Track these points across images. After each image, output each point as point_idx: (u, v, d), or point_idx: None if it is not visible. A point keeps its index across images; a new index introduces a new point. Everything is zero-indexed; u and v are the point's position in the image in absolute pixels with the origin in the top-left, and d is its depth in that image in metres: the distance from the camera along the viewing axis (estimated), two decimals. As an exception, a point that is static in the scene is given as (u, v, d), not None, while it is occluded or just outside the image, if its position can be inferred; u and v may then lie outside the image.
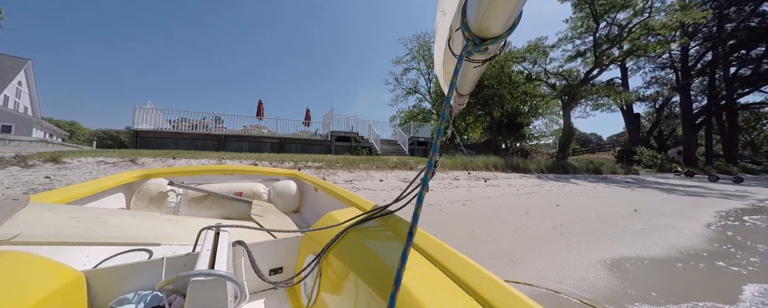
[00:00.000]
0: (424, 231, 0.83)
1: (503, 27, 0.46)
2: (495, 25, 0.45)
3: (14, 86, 27.89)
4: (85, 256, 1.09)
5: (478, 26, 0.46)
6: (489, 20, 0.45)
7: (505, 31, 0.47)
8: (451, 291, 0.57)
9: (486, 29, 0.47)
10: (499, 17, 0.44)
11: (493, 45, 0.49)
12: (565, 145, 18.52)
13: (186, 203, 1.68)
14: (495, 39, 0.48)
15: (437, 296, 0.55)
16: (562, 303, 1.55)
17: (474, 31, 0.48)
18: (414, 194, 1.07)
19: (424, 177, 0.54)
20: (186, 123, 12.07)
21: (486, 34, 0.48)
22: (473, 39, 0.48)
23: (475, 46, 0.49)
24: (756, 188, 10.31)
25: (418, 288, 0.58)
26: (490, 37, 0.48)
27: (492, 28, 0.46)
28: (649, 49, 16.03)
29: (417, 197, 0.54)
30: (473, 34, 0.48)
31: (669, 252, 2.51)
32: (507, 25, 0.46)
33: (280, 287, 0.91)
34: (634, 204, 5.16)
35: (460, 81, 0.54)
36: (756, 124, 34.30)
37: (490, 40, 0.48)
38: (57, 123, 43.67)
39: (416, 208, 0.54)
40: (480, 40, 0.48)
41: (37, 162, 5.27)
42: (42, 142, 17.86)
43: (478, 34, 0.48)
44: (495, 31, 0.47)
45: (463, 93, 0.82)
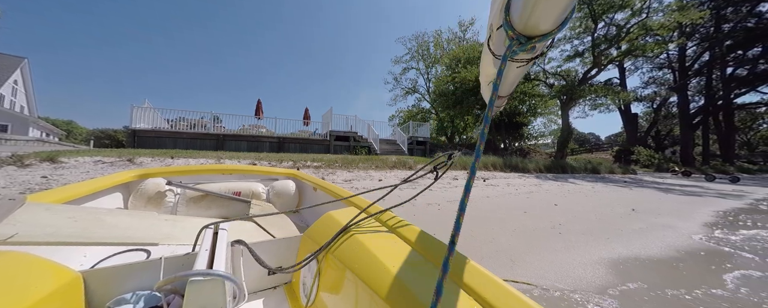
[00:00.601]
0: (422, 230, 0.84)
1: (554, 23, 0.43)
2: (545, 21, 0.42)
3: (10, 85, 27.67)
4: (82, 256, 1.08)
5: (525, 24, 0.44)
6: (538, 16, 0.42)
7: (555, 27, 0.44)
8: (450, 290, 0.57)
9: (533, 26, 0.44)
10: (550, 12, 0.41)
11: (540, 43, 0.46)
12: (563, 145, 18.57)
13: (184, 203, 1.67)
14: (543, 36, 0.45)
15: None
16: (562, 302, 1.55)
17: (519, 29, 0.45)
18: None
19: (467, 183, 0.50)
20: (184, 122, 12.01)
21: (533, 32, 0.45)
22: (518, 38, 0.46)
23: (520, 44, 0.46)
24: (752, 188, 10.38)
25: (418, 288, 0.58)
26: (537, 34, 0.45)
27: (541, 24, 0.43)
28: (647, 49, 16.09)
29: (459, 204, 0.49)
30: (518, 33, 0.45)
31: (666, 252, 2.53)
32: (558, 21, 0.43)
33: (281, 272, 0.90)
34: (631, 204, 5.18)
35: (501, 82, 0.51)
36: (752, 124, 34.54)
37: (538, 37, 0.45)
38: (54, 122, 43.36)
39: (458, 216, 0.49)
40: (526, 39, 0.45)
41: (34, 161, 5.24)
42: (38, 142, 17.74)
43: (523, 32, 0.45)
44: (544, 28, 0.44)
45: (502, 94, 0.78)
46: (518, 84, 4.59)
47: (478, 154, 0.50)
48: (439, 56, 24.74)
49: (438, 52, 25.24)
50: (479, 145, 0.50)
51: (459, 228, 0.48)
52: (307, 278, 0.92)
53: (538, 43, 0.46)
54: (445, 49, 24.78)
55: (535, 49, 0.50)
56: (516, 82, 0.72)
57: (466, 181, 0.50)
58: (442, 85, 21.51)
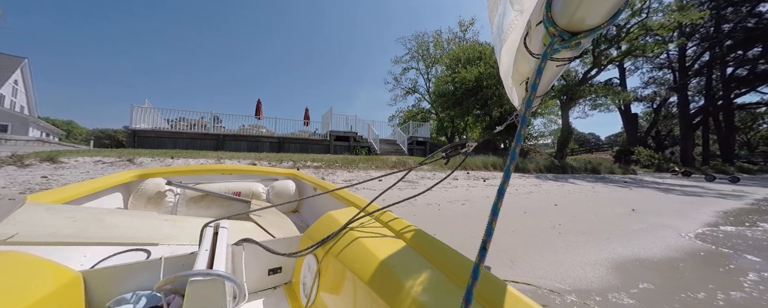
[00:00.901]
0: (423, 231, 0.84)
1: (605, 16, 0.39)
2: (593, 14, 0.39)
3: (10, 85, 27.68)
4: (82, 256, 1.08)
5: (569, 18, 0.40)
6: (585, 9, 0.38)
7: (606, 20, 0.40)
8: (450, 290, 0.57)
9: (579, 21, 0.40)
10: (602, 4, 0.37)
11: (586, 38, 0.42)
12: (563, 145, 18.57)
13: (184, 203, 1.67)
14: (590, 31, 0.41)
15: (436, 295, 0.55)
16: (562, 302, 1.55)
17: (562, 24, 0.41)
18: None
19: (501, 186, 0.47)
20: (184, 122, 12.01)
21: (578, 27, 0.41)
22: (561, 34, 0.42)
23: (563, 41, 0.42)
24: (752, 188, 10.38)
25: (418, 288, 0.58)
26: (583, 29, 0.41)
27: (588, 18, 0.40)
28: (647, 49, 16.09)
29: (491, 209, 0.46)
30: (561, 29, 0.42)
31: (666, 252, 2.53)
32: (610, 13, 0.39)
33: (287, 257, 0.90)
34: (631, 204, 5.18)
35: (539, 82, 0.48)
36: (752, 124, 34.52)
37: (584, 33, 0.41)
38: (54, 122, 43.35)
39: (490, 221, 0.45)
40: (569, 35, 0.42)
41: (34, 161, 5.24)
42: (38, 142, 17.74)
43: (567, 27, 0.42)
44: (591, 22, 0.40)
45: (538, 95, 0.73)
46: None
47: (513, 156, 0.46)
48: (439, 56, 24.74)
49: (438, 52, 25.24)
50: (514, 147, 0.46)
51: (491, 234, 0.45)
52: (307, 278, 0.92)
53: (584, 39, 0.42)
54: (445, 49, 24.78)
55: (580, 46, 0.46)
56: (553, 81, 0.67)
57: (499, 184, 0.46)
58: (442, 85, 21.50)
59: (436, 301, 0.53)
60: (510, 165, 0.46)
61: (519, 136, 0.46)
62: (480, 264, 0.43)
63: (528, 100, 0.47)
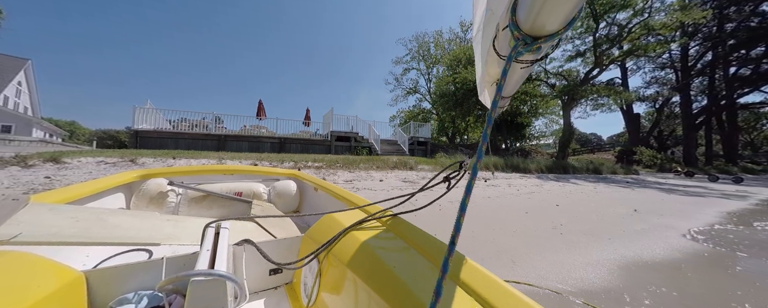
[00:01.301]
0: (423, 231, 0.84)
1: (561, 23, 0.43)
2: (552, 21, 0.42)
3: (14, 86, 27.88)
4: (85, 256, 1.09)
5: (531, 24, 0.43)
6: (545, 16, 0.41)
7: (562, 27, 0.43)
8: (451, 291, 0.57)
9: (540, 27, 0.43)
10: (558, 12, 0.40)
11: (546, 43, 0.46)
12: (565, 145, 18.51)
13: (186, 203, 1.68)
14: (550, 37, 0.45)
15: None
16: (562, 303, 1.55)
17: (525, 29, 0.44)
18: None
19: (469, 184, 0.50)
20: (186, 123, 12.06)
21: (539, 32, 0.44)
22: (524, 38, 0.45)
23: (526, 45, 0.45)
24: (756, 188, 10.31)
25: (419, 288, 0.58)
26: (543, 35, 0.45)
27: (547, 25, 0.43)
28: (649, 49, 16.02)
29: (460, 205, 0.50)
30: (524, 33, 0.45)
31: (669, 252, 2.51)
32: (566, 21, 0.42)
33: (284, 268, 0.90)
34: (634, 204, 5.16)
35: (505, 83, 0.51)
36: (756, 124, 34.29)
37: (544, 38, 0.45)
38: (57, 123, 43.64)
39: (458, 216, 0.50)
40: (532, 39, 0.45)
41: (37, 162, 5.27)
42: (42, 142, 17.85)
43: (530, 32, 0.45)
44: (550, 28, 0.44)
45: (506, 95, 0.78)
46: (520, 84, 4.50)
47: (480, 154, 0.50)
48: (440, 56, 24.74)
49: (439, 52, 25.24)
50: (481, 146, 0.50)
51: (459, 229, 0.49)
52: (308, 278, 0.92)
53: (544, 44, 0.46)
54: (446, 50, 24.77)
55: (541, 50, 0.49)
56: (520, 82, 0.71)
57: (467, 182, 0.50)
58: (443, 86, 21.49)
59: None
60: (476, 164, 0.50)
61: (485, 135, 0.49)
62: (449, 257, 0.46)
63: (494, 100, 0.50)
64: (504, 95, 0.78)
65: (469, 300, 0.53)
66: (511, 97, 0.85)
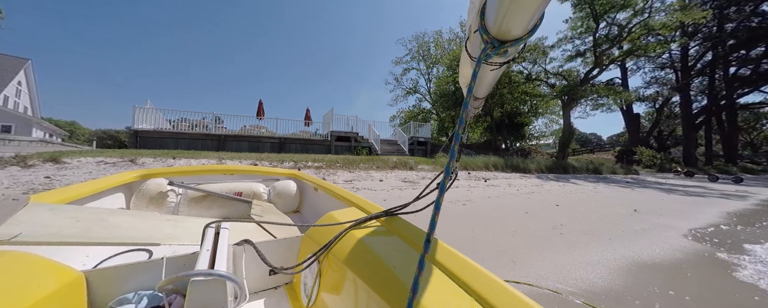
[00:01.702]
0: (423, 231, 0.83)
1: (524, 29, 0.45)
2: (516, 26, 0.44)
3: (14, 86, 27.87)
4: (84, 256, 1.09)
5: (498, 28, 0.45)
6: (509, 22, 0.44)
7: (525, 33, 0.46)
8: (450, 291, 0.57)
9: (506, 31, 0.46)
10: (521, 19, 0.43)
11: (512, 47, 0.48)
12: (564, 145, 18.51)
13: (186, 203, 1.68)
14: (515, 41, 0.47)
15: (437, 296, 0.55)
16: (562, 303, 1.55)
17: (493, 33, 0.47)
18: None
19: (442, 183, 0.52)
20: (186, 123, 12.05)
21: (505, 37, 0.47)
22: (492, 41, 0.47)
23: (494, 48, 0.48)
24: (756, 188, 10.32)
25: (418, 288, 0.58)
26: (509, 39, 0.47)
27: (512, 30, 0.45)
28: (649, 49, 16.03)
29: (434, 204, 0.52)
30: (492, 37, 0.47)
31: (669, 252, 2.51)
32: (528, 27, 0.45)
33: (283, 273, 0.91)
34: (634, 204, 5.16)
35: (477, 84, 0.54)
36: (755, 124, 34.28)
37: (510, 42, 0.47)
38: (57, 123, 43.64)
39: (433, 215, 0.52)
40: (499, 43, 0.47)
41: (37, 162, 5.27)
42: (42, 142, 17.85)
43: (497, 36, 0.47)
44: (515, 33, 0.46)
45: (479, 96, 0.80)
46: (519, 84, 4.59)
47: (452, 154, 0.52)
48: (440, 56, 24.72)
49: (439, 52, 25.22)
50: (453, 146, 0.53)
51: (434, 227, 0.52)
52: (308, 278, 0.92)
53: (511, 48, 0.48)
54: (446, 50, 24.75)
55: (508, 53, 0.51)
56: (492, 84, 0.74)
57: (440, 182, 0.53)
58: (443, 86, 21.47)
59: (436, 302, 0.53)
60: (449, 163, 0.52)
61: (457, 135, 0.53)
62: (424, 255, 0.50)
63: (464, 101, 0.53)
64: (477, 96, 0.80)
65: (469, 300, 0.53)
66: (485, 100, 0.89)
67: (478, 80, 0.63)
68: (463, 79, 0.76)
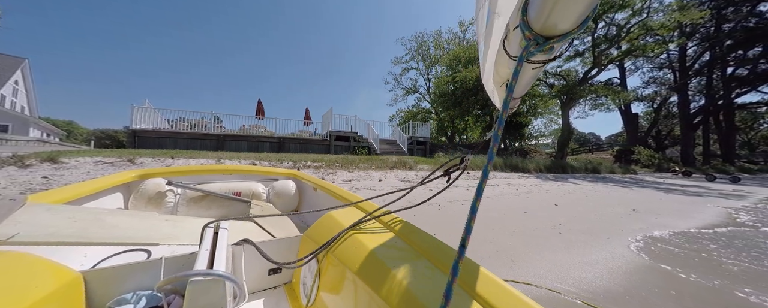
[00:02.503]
0: (423, 231, 0.84)
1: (575, 22, 0.42)
2: (564, 20, 0.41)
3: (11, 85, 27.71)
4: (82, 256, 1.08)
5: (543, 23, 0.42)
6: (557, 16, 0.40)
7: (575, 26, 0.42)
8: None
9: (552, 26, 0.42)
10: (571, 11, 0.40)
11: (559, 43, 0.45)
12: (563, 145, 18.57)
13: (184, 203, 1.67)
14: (563, 36, 0.43)
15: (437, 296, 0.55)
16: (562, 303, 1.55)
17: (537, 29, 0.44)
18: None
19: (479, 186, 0.49)
20: (184, 122, 12.01)
21: (552, 32, 0.43)
22: (536, 38, 0.44)
23: (537, 45, 0.45)
24: (753, 188, 10.37)
25: (418, 288, 0.58)
26: (556, 34, 0.44)
27: (560, 24, 0.42)
28: (648, 49, 16.09)
29: (470, 208, 0.48)
30: (536, 33, 0.44)
31: (668, 252, 2.52)
32: (579, 20, 0.41)
33: (284, 267, 0.90)
34: (632, 204, 5.18)
35: (517, 83, 0.51)
36: (753, 124, 34.46)
37: (557, 37, 0.44)
38: (54, 122, 43.41)
39: (469, 219, 0.48)
40: (544, 39, 0.44)
41: (35, 162, 5.24)
42: (39, 142, 17.75)
43: (541, 32, 0.44)
44: (563, 27, 0.42)
45: (516, 96, 0.76)
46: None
47: (491, 156, 0.49)
48: (440, 56, 24.73)
49: (438, 52, 25.23)
50: (492, 148, 0.48)
51: (470, 232, 0.47)
52: (308, 278, 0.92)
53: (557, 44, 0.45)
54: (446, 49, 24.77)
55: (553, 50, 0.48)
56: (531, 83, 0.70)
57: (478, 183, 0.49)
58: (443, 85, 21.49)
59: (436, 301, 0.53)
60: (488, 165, 0.48)
61: (496, 136, 0.48)
62: (459, 260, 0.45)
63: (505, 101, 0.48)
64: (515, 96, 0.76)
65: (469, 300, 0.53)
66: (521, 98, 0.85)
67: (519, 79, 0.59)
68: (499, 78, 0.72)
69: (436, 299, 0.54)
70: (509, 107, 0.51)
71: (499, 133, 0.48)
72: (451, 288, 0.44)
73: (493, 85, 0.80)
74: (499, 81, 0.75)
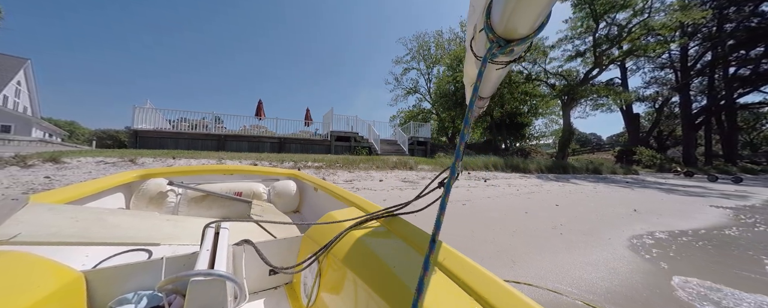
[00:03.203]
0: (423, 231, 0.84)
1: (531, 27, 0.45)
2: (522, 25, 0.44)
3: (13, 86, 27.84)
4: (84, 256, 1.09)
5: (504, 27, 0.45)
6: (515, 20, 0.43)
7: (532, 31, 0.46)
8: (450, 291, 0.57)
9: (512, 30, 0.45)
10: (527, 17, 0.43)
11: (519, 46, 0.48)
12: (564, 145, 18.52)
13: (185, 203, 1.68)
14: (521, 40, 0.47)
15: (437, 296, 0.55)
16: (563, 303, 1.55)
17: (499, 32, 0.46)
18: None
19: (447, 183, 0.52)
20: (185, 123, 12.05)
21: (512, 35, 0.46)
22: (498, 40, 0.47)
23: (499, 47, 0.47)
24: (756, 188, 10.32)
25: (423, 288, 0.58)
26: (516, 38, 0.47)
27: (519, 28, 0.45)
28: (649, 49, 16.04)
29: (439, 204, 0.52)
30: (498, 36, 0.47)
31: (668, 251, 2.51)
32: (534, 26, 0.45)
33: (283, 272, 0.91)
34: (633, 204, 5.16)
35: (482, 83, 0.54)
36: (755, 124, 34.32)
37: (516, 41, 0.47)
38: (56, 123, 43.60)
39: (439, 215, 0.52)
40: (505, 42, 0.47)
41: (37, 162, 5.26)
42: (41, 142, 17.82)
43: (503, 35, 0.46)
44: (522, 32, 0.46)
45: (484, 96, 0.80)
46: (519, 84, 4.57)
47: (458, 154, 0.52)
48: (440, 56, 24.71)
49: (439, 52, 25.21)
50: (459, 146, 0.52)
51: (439, 227, 0.52)
52: (308, 278, 0.92)
53: (517, 47, 0.48)
54: (447, 49, 24.75)
55: (514, 52, 0.51)
56: (497, 83, 0.73)
57: (442, 180, 0.55)
58: (444, 86, 21.47)
59: (436, 302, 0.53)
60: (454, 164, 0.52)
61: (463, 135, 0.52)
62: (429, 255, 0.50)
63: (470, 100, 0.52)
64: (482, 96, 0.80)
65: (469, 300, 0.53)
66: (490, 99, 0.89)
67: (484, 79, 0.63)
68: (468, 78, 0.76)
69: (436, 299, 0.54)
70: (477, 106, 0.54)
71: (465, 133, 0.52)
72: (422, 283, 0.49)
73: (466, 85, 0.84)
74: (468, 81, 0.77)
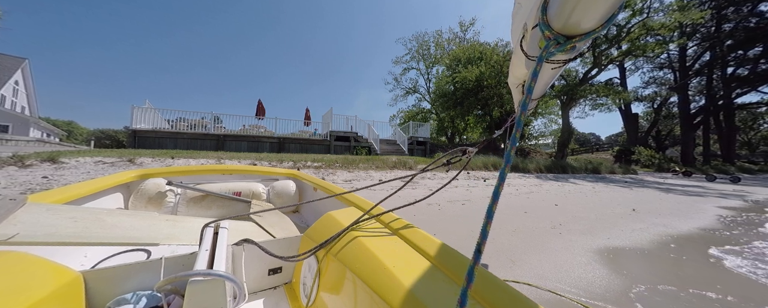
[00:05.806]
0: (423, 231, 0.84)
1: (599, 20, 0.39)
2: (588, 19, 0.39)
3: (11, 85, 27.73)
4: (83, 256, 1.08)
5: (564, 22, 0.40)
6: (580, 14, 0.38)
7: (599, 24, 0.40)
8: (450, 290, 0.57)
9: (574, 25, 0.40)
10: (595, 9, 0.37)
11: (581, 42, 0.42)
12: (563, 145, 18.55)
13: (184, 203, 1.67)
14: (585, 35, 0.41)
15: (437, 295, 0.55)
16: (562, 303, 1.55)
17: (557, 28, 0.42)
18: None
19: (495, 190, 0.47)
20: (184, 122, 12.03)
21: (573, 31, 0.41)
22: (556, 38, 0.42)
23: (558, 45, 0.42)
24: (754, 188, 10.36)
25: (418, 288, 0.58)
26: (578, 33, 0.41)
27: (582, 23, 0.40)
28: (648, 49, 16.07)
29: (486, 212, 0.46)
30: (556, 32, 0.42)
31: (668, 251, 2.52)
32: (604, 18, 0.39)
33: (286, 261, 0.90)
34: (632, 204, 5.17)
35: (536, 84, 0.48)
36: (753, 124, 34.45)
37: (579, 37, 0.41)
38: (54, 122, 43.43)
39: (485, 224, 0.46)
40: (564, 38, 0.42)
41: (35, 162, 5.24)
42: (39, 142, 17.75)
43: (562, 31, 0.42)
44: (586, 26, 0.40)
45: (535, 97, 0.73)
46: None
47: (508, 159, 0.46)
48: (440, 56, 24.72)
49: (438, 52, 25.21)
50: (509, 150, 0.46)
51: (486, 237, 0.45)
52: (308, 278, 0.92)
53: (579, 43, 0.42)
54: (446, 50, 24.75)
55: (575, 50, 0.45)
56: (550, 83, 0.67)
57: (494, 188, 0.47)
58: (443, 86, 21.48)
59: (436, 301, 0.53)
60: (504, 169, 0.46)
61: (514, 139, 0.46)
62: (475, 266, 0.43)
63: (523, 102, 0.46)
64: (533, 97, 0.74)
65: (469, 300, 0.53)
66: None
67: (538, 80, 0.54)
68: (515, 79, 0.70)
69: (437, 298, 0.54)
70: (527, 109, 0.48)
71: (517, 136, 0.46)
72: (466, 294, 0.42)
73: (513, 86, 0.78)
74: (514, 82, 0.72)
